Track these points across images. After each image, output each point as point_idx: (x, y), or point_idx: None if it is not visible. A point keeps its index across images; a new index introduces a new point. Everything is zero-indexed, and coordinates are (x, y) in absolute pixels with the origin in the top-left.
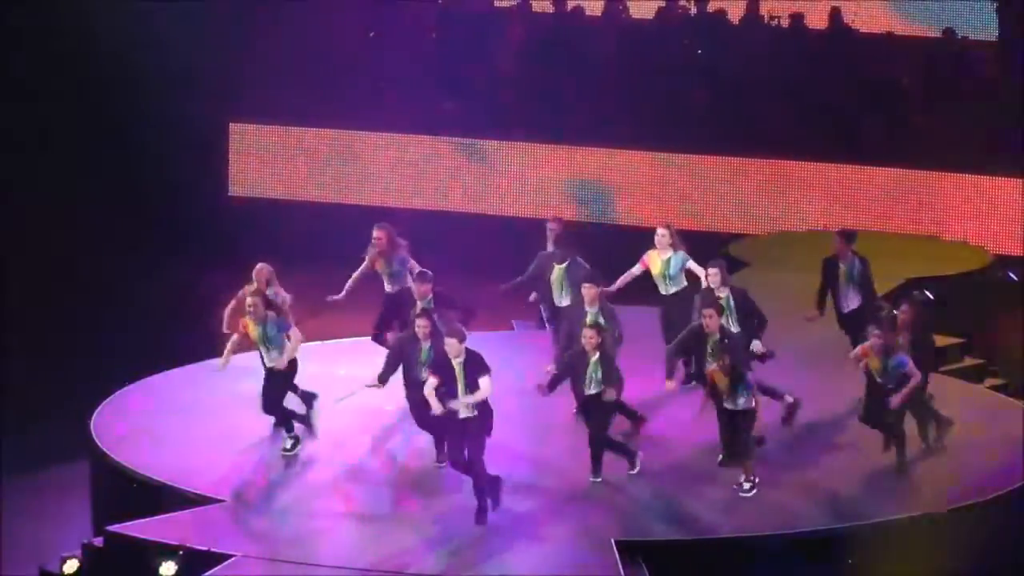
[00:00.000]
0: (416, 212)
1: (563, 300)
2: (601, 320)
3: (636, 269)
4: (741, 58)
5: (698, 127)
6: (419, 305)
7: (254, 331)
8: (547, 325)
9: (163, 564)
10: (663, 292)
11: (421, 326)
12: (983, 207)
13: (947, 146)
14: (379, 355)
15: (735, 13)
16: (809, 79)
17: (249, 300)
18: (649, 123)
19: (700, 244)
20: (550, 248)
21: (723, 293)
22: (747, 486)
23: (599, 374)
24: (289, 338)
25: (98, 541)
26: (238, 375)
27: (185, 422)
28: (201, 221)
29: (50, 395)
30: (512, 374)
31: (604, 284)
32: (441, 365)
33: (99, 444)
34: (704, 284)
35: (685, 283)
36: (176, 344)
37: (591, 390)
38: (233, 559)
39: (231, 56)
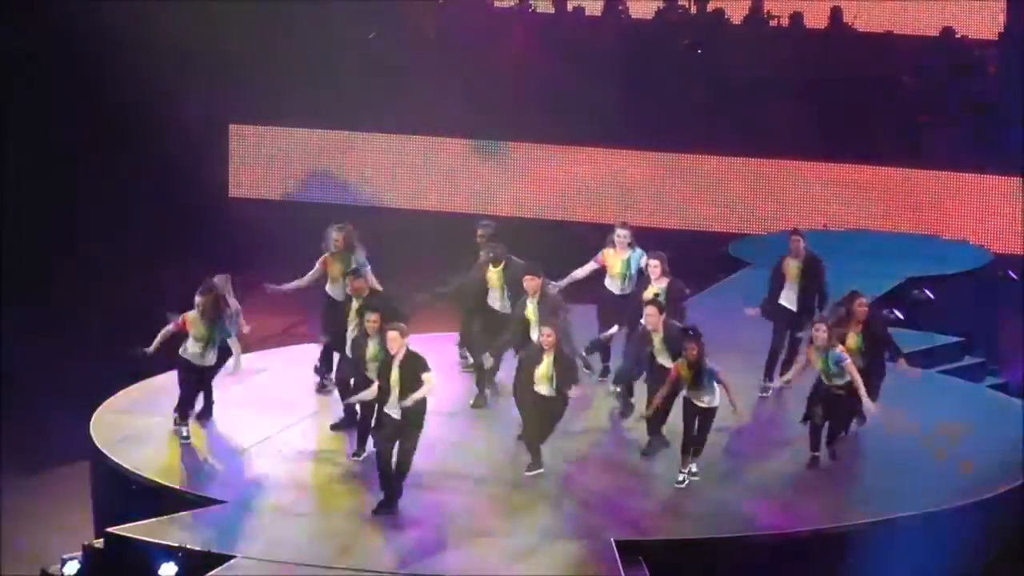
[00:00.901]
0: (416, 213)
1: (504, 304)
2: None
3: (587, 268)
4: (741, 58)
5: (698, 127)
6: (354, 302)
7: (198, 328)
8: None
9: (163, 565)
10: (616, 292)
11: (371, 320)
12: (983, 206)
13: (947, 145)
14: None
15: (735, 13)
16: (809, 79)
17: (199, 299)
18: (649, 123)
19: (699, 244)
20: (482, 253)
21: (661, 285)
22: (681, 478)
23: (553, 374)
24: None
25: (98, 542)
26: (238, 376)
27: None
28: (202, 223)
29: (50, 396)
30: (503, 373)
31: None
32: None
33: (99, 445)
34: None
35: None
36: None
37: (543, 390)
38: (233, 560)
39: (231, 58)
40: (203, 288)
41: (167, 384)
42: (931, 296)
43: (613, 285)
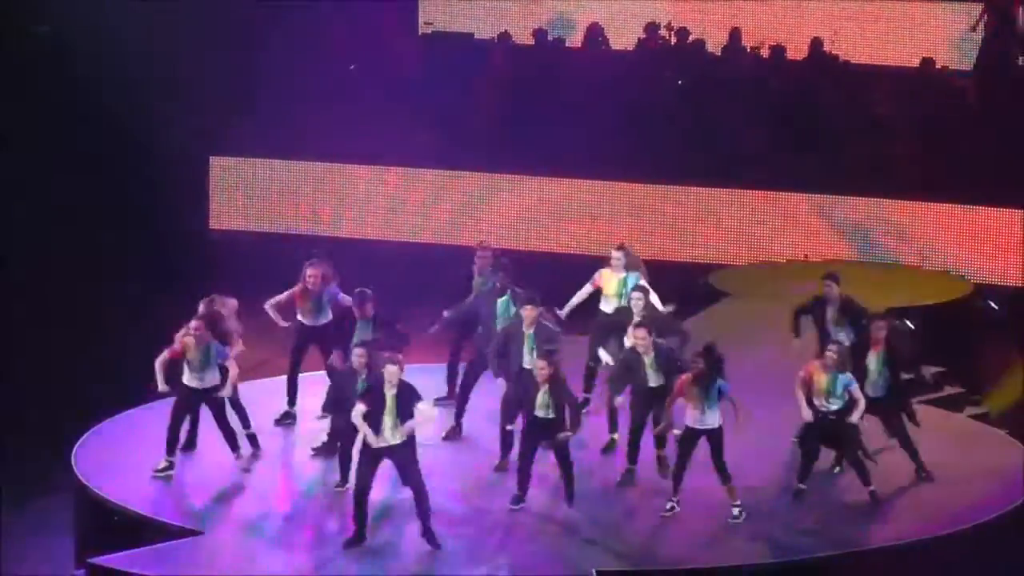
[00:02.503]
0: (396, 244)
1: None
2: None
3: (585, 291)
4: (721, 88)
5: (679, 157)
6: (358, 325)
7: (193, 353)
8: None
9: None
10: (608, 310)
11: (358, 355)
12: (963, 236)
13: (927, 176)
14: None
15: (715, 43)
16: (789, 109)
17: (195, 323)
18: (629, 153)
19: (680, 274)
20: (477, 277)
21: (643, 315)
22: (736, 511)
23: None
24: (227, 367)
25: (80, 573)
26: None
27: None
28: (182, 254)
29: (32, 428)
30: (482, 401)
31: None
32: (375, 393)
33: (81, 477)
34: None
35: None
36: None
37: (542, 413)
38: None
39: (212, 91)
40: (200, 312)
41: (149, 415)
42: (911, 326)
43: (608, 306)
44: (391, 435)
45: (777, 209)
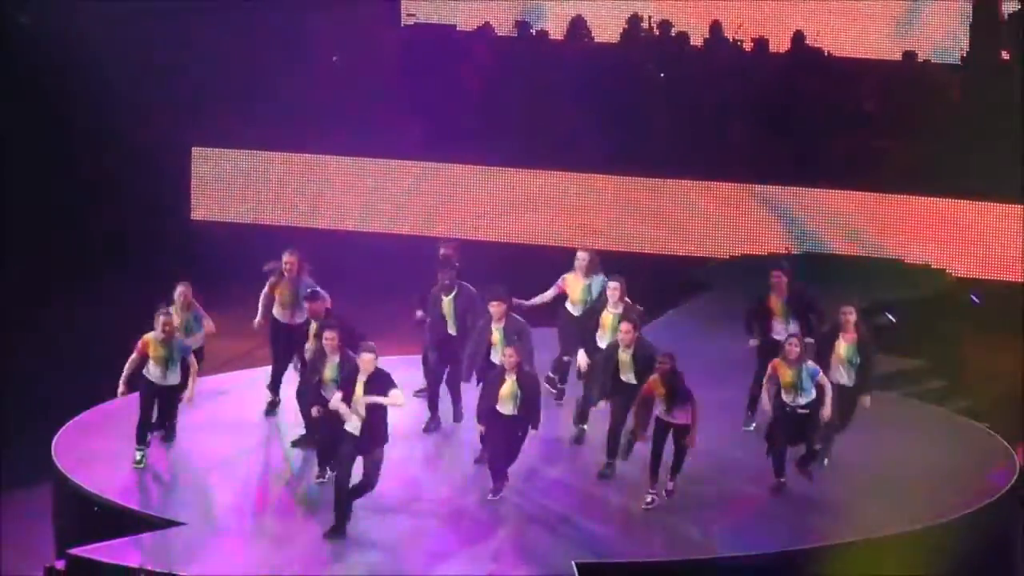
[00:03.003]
0: (377, 235)
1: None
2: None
3: (549, 294)
4: (704, 81)
5: (661, 150)
6: (313, 324)
7: (157, 350)
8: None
9: None
10: (575, 313)
11: (328, 339)
12: (945, 230)
13: (909, 169)
14: None
15: (698, 37)
16: (772, 102)
17: (163, 319)
18: (612, 146)
19: (661, 267)
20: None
21: (617, 310)
22: (649, 498)
23: (517, 394)
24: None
25: (60, 564)
26: (198, 398)
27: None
28: (163, 245)
29: (12, 419)
30: (466, 393)
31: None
32: (348, 380)
33: (61, 468)
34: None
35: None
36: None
37: (506, 410)
38: None
39: (194, 81)
40: (162, 308)
41: (129, 405)
42: (893, 320)
43: (574, 310)
44: (354, 427)
45: (758, 202)
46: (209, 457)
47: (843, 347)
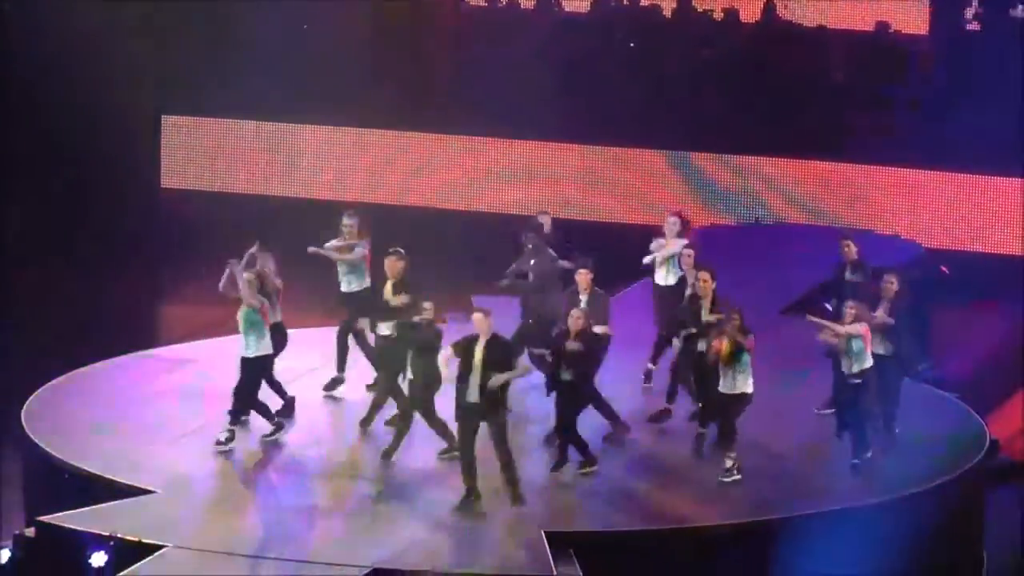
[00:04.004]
0: (347, 206)
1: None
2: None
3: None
4: (675, 52)
5: (631, 120)
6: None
7: (241, 311)
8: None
9: (94, 554)
10: (661, 282)
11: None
12: (916, 201)
13: (880, 140)
14: None
15: (668, 6)
16: (742, 73)
17: (248, 276)
18: (582, 116)
19: (633, 236)
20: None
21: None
22: (728, 464)
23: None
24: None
25: (30, 531)
26: (169, 366)
27: (116, 413)
28: (133, 212)
29: None
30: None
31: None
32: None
33: (31, 435)
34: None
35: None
36: (108, 335)
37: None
38: (164, 550)
39: (164, 49)
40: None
41: (99, 374)
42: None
43: (658, 274)
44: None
45: (728, 172)
46: (181, 424)
47: (881, 313)
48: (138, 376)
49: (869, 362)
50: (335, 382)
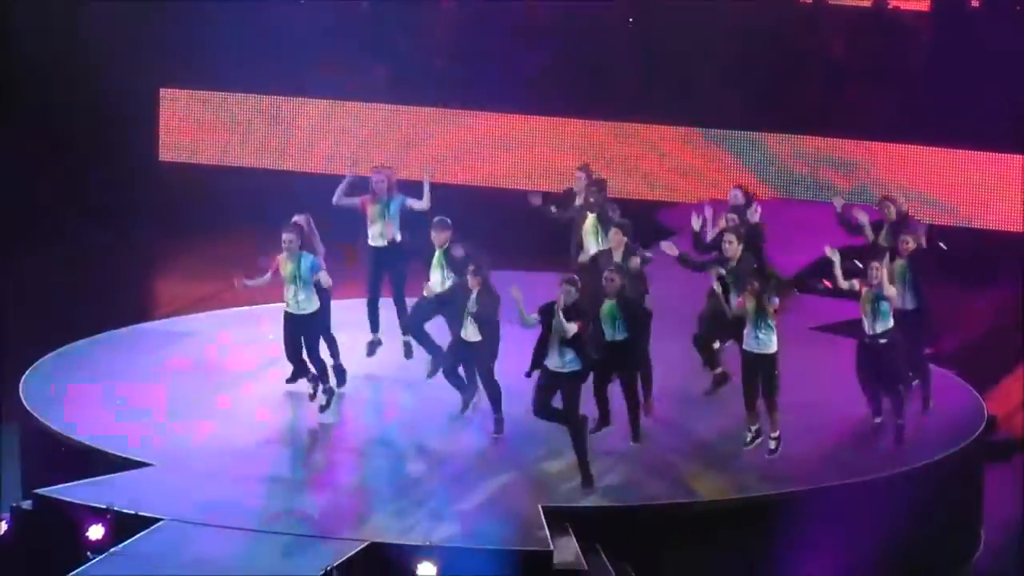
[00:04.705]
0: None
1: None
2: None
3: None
4: (673, 27)
5: (629, 95)
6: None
7: (286, 267)
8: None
9: (91, 527)
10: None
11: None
12: (911, 177)
13: (879, 114)
14: None
15: None
16: (739, 48)
17: (285, 236)
18: (576, 90)
19: (630, 212)
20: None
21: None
22: (772, 444)
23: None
24: (320, 281)
25: (27, 504)
26: (166, 339)
27: (114, 386)
28: (131, 186)
29: None
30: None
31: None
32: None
33: (28, 407)
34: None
35: None
36: (105, 308)
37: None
38: (161, 522)
39: (162, 22)
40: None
41: (97, 346)
42: (860, 266)
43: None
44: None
45: (726, 147)
46: (178, 397)
47: (898, 264)
48: (136, 349)
49: (892, 322)
50: (372, 345)
